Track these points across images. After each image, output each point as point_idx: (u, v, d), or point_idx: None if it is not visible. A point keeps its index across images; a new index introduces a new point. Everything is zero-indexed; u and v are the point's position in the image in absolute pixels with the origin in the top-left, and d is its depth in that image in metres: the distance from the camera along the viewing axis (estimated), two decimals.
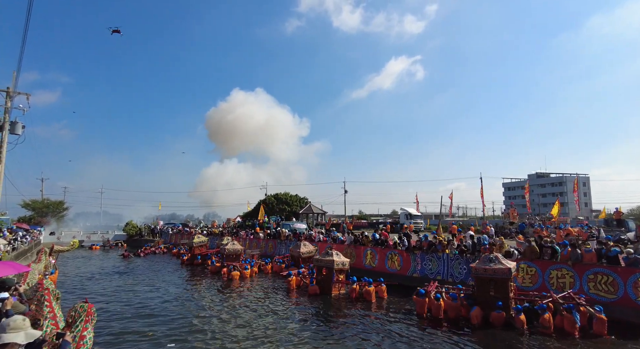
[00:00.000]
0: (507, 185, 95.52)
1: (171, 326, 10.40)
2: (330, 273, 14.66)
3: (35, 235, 35.11)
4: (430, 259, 15.52)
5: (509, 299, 10.41)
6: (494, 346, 8.84)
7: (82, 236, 44.16)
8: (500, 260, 10.85)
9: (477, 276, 11.06)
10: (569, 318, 9.36)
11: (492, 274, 10.64)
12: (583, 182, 76.16)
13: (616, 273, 10.70)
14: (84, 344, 4.55)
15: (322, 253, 16.19)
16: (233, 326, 10.46)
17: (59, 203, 56.55)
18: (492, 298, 10.55)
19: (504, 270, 10.48)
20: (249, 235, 29.24)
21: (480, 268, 10.91)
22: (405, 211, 41.45)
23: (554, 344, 8.74)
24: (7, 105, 19.70)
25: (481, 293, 10.92)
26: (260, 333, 9.80)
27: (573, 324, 9.26)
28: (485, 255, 11.53)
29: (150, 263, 26.29)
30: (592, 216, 60.96)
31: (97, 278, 19.62)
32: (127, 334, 9.56)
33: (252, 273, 19.33)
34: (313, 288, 14.71)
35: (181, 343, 8.98)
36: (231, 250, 21.01)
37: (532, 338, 9.16)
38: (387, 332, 9.91)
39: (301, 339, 9.25)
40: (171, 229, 42.85)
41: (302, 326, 10.46)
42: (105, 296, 14.69)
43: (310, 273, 16.50)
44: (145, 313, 11.96)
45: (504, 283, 10.54)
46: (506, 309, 10.20)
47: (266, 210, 51.08)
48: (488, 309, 10.36)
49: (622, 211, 25.11)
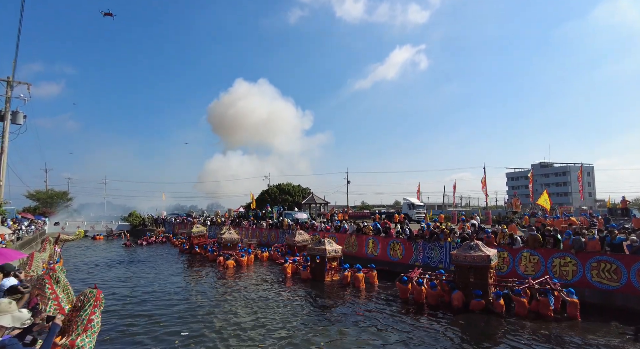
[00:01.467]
0: (511, 175, 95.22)
1: (169, 311, 10.65)
2: (323, 261, 15.18)
3: (40, 225, 35.42)
4: (432, 247, 15.53)
5: (488, 286, 10.59)
6: (472, 329, 9.13)
7: (86, 226, 44.54)
8: (480, 247, 10.97)
9: (457, 263, 11.24)
10: (544, 301, 9.69)
11: (471, 261, 10.83)
12: (587, 172, 75.83)
13: (620, 261, 10.65)
14: (92, 328, 4.61)
15: (315, 242, 16.58)
16: (229, 311, 10.76)
17: (63, 194, 56.94)
18: (472, 284, 10.74)
19: (483, 257, 10.65)
20: (251, 225, 29.42)
21: (461, 255, 11.10)
22: (408, 201, 41.32)
23: (529, 326, 9.13)
24: (7, 95, 19.66)
25: (461, 279, 11.10)
26: (256, 316, 10.11)
27: (547, 307, 9.62)
28: (467, 243, 11.63)
29: (151, 252, 26.68)
30: (596, 206, 60.77)
31: (100, 266, 19.89)
32: (130, 318, 9.74)
33: (249, 261, 19.74)
34: (305, 273, 15.49)
35: (180, 326, 9.16)
36: (228, 239, 21.63)
37: (508, 321, 9.49)
38: (371, 315, 10.29)
39: (294, 324, 9.54)
40: (174, 219, 43.10)
41: (295, 311, 10.83)
42: (110, 283, 14.90)
43: (304, 261, 16.96)
44: (145, 299, 12.20)
45: (483, 270, 10.71)
46: (485, 295, 10.43)
47: (269, 200, 51.28)
48: (468, 295, 10.59)
49: (627, 200, 24.95)
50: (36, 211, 46.86)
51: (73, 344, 4.20)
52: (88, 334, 4.42)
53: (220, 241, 21.88)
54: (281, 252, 21.11)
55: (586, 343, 7.97)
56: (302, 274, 15.59)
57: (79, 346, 4.22)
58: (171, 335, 8.54)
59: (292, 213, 35.23)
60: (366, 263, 15.79)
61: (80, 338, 4.30)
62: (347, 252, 19.05)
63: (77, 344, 4.22)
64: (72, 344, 4.19)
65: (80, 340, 4.27)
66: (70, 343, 4.22)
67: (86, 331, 4.50)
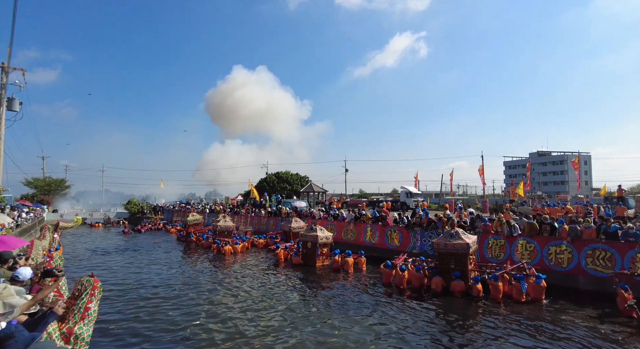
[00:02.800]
0: (508, 164, 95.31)
1: (166, 297, 10.80)
2: (314, 247, 15.67)
3: (38, 213, 35.43)
4: (429, 235, 15.62)
5: (467, 271, 11.05)
6: (451, 310, 9.59)
7: (84, 214, 44.59)
8: (460, 235, 11.40)
9: (439, 250, 11.67)
10: (517, 286, 10.21)
11: (451, 249, 11.28)
12: (584, 161, 75.84)
13: (615, 249, 10.75)
14: (89, 316, 4.61)
15: (306, 229, 17.12)
16: (222, 294, 11.16)
17: (61, 181, 56.76)
18: (452, 271, 11.17)
19: (462, 245, 11.11)
20: (250, 213, 29.53)
21: (442, 242, 11.56)
22: (406, 190, 41.44)
23: (500, 308, 9.69)
24: (2, 81, 19.37)
25: (443, 265, 11.56)
26: (249, 300, 10.47)
27: (520, 292, 10.10)
28: (447, 231, 12.07)
29: (148, 239, 27.03)
30: (593, 195, 61.09)
31: (99, 253, 20.01)
32: (131, 307, 9.80)
33: (244, 247, 20.14)
34: (296, 258, 16.11)
35: (176, 311, 9.26)
36: (223, 227, 22.05)
37: (485, 304, 10.02)
38: (354, 297, 10.89)
39: (284, 306, 9.99)
40: (173, 206, 43.19)
41: (285, 293, 11.31)
42: (108, 271, 15.03)
43: (297, 247, 17.39)
44: (142, 286, 12.35)
45: (463, 257, 11.18)
46: (464, 279, 10.86)
47: (267, 188, 51.29)
48: (449, 280, 11.01)
49: (623, 189, 25.04)
50: (34, 198, 46.81)
51: (71, 332, 4.21)
52: (85, 322, 4.43)
53: (215, 229, 22.26)
54: (277, 239, 21.32)
55: (556, 324, 8.42)
56: (294, 259, 16.16)
57: (77, 333, 4.23)
58: (171, 324, 8.60)
59: (290, 202, 35.30)
60: (367, 252, 16.07)
61: (77, 326, 4.31)
62: (346, 240, 19.17)
63: (75, 332, 4.23)
64: (70, 332, 4.21)
65: (77, 328, 4.28)
66: (67, 331, 4.23)
67: (83, 319, 4.51)
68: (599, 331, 7.92)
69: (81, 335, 4.27)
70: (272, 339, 7.56)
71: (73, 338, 4.17)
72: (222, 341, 7.50)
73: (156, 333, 7.98)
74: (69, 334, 4.18)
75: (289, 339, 7.57)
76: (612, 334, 7.76)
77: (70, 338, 4.15)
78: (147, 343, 7.48)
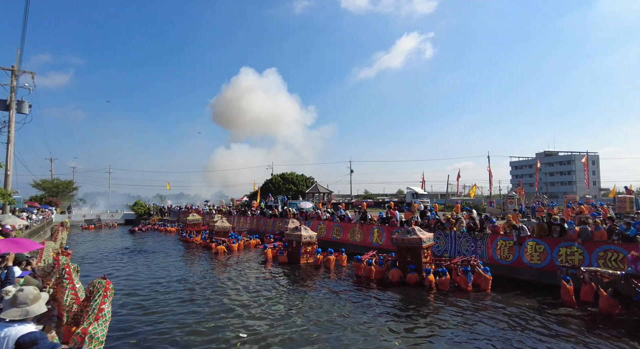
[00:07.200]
0: (515, 164, 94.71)
1: (166, 296, 11.12)
2: (298, 246, 16.58)
3: (47, 214, 35.79)
4: (437, 237, 15.53)
5: (421, 264, 12.42)
6: (405, 298, 10.83)
7: (91, 215, 44.97)
8: (416, 232, 12.77)
9: (397, 245, 13.13)
10: (463, 278, 11.52)
11: (407, 243, 12.74)
12: (592, 160, 75.09)
13: (627, 251, 10.60)
14: (103, 317, 4.69)
15: (291, 228, 18.22)
16: (219, 291, 11.74)
17: (69, 183, 57.32)
18: (408, 263, 12.54)
19: (416, 239, 12.55)
20: (255, 214, 29.62)
21: (399, 238, 13.05)
22: (412, 191, 41.30)
23: (448, 297, 10.83)
24: (12, 84, 19.62)
25: (401, 258, 13.03)
26: (239, 296, 11.11)
27: (466, 282, 11.44)
28: (405, 228, 13.24)
29: (150, 239, 27.90)
30: (600, 195, 60.45)
31: (104, 255, 20.32)
32: (135, 307, 9.82)
33: (239, 247, 21.29)
34: (282, 257, 16.98)
35: (178, 307, 9.36)
36: (220, 227, 23.29)
37: (434, 293, 11.21)
38: (329, 289, 11.93)
39: (268, 297, 10.87)
40: (179, 208, 43.42)
41: (270, 288, 12.13)
42: (113, 273, 15.12)
43: (283, 246, 18.13)
44: (142, 286, 12.56)
45: (417, 250, 12.56)
46: (419, 271, 12.21)
47: (272, 189, 51.38)
48: (406, 271, 12.36)
49: (632, 189, 24.76)
50: (42, 200, 47.28)
51: (85, 332, 4.27)
52: (99, 322, 4.49)
53: (212, 229, 23.30)
54: (273, 239, 22.32)
55: (496, 309, 9.55)
56: (280, 258, 17.02)
57: (92, 333, 4.29)
58: (172, 323, 8.63)
59: (296, 203, 35.32)
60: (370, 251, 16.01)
61: (92, 326, 4.38)
62: (352, 241, 19.12)
63: (90, 332, 4.29)
64: (85, 332, 4.26)
65: (92, 328, 4.34)
66: (82, 331, 4.29)
67: (97, 320, 4.58)
68: (529, 315, 9.07)
69: (95, 335, 4.31)
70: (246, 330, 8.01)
71: (88, 337, 4.21)
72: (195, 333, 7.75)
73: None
74: (84, 334, 4.22)
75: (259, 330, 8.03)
76: (547, 319, 8.70)
77: (85, 338, 4.20)
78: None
